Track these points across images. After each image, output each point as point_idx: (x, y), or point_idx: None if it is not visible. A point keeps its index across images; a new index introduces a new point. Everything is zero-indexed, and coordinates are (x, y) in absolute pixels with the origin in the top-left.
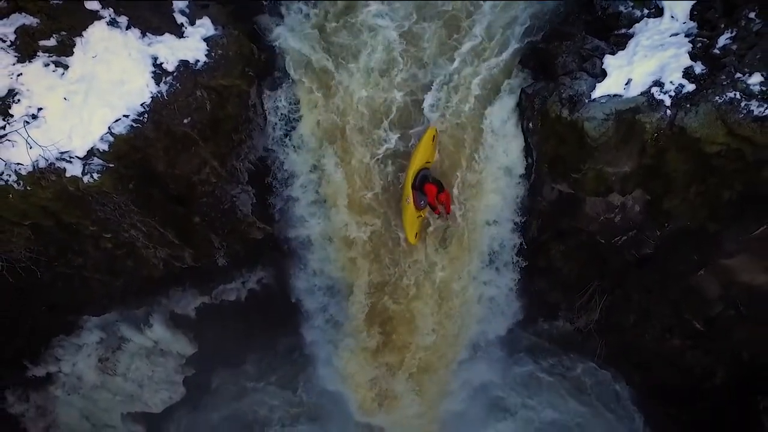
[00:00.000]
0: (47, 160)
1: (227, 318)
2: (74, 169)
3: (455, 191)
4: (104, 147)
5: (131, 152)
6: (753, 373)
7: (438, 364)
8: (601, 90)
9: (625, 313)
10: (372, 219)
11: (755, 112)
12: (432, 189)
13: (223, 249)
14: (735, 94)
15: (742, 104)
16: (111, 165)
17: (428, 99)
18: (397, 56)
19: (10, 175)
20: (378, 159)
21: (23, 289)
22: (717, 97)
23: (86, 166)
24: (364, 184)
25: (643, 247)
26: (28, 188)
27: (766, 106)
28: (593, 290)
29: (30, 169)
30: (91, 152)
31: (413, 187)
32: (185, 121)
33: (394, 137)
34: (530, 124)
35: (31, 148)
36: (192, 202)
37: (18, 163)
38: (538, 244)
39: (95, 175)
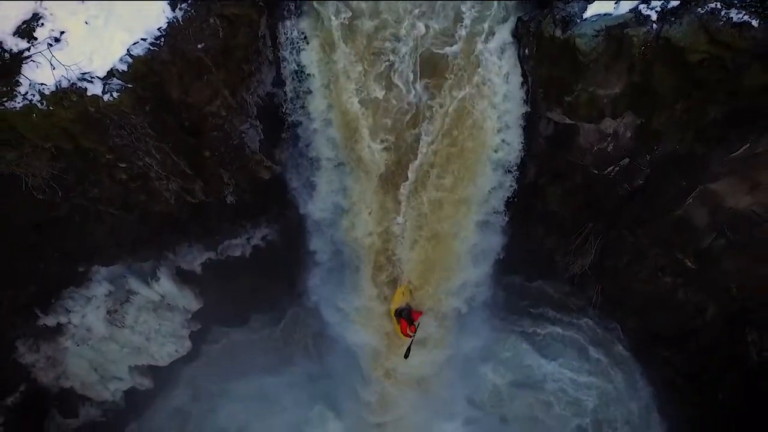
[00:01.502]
0: (69, 81)
1: (232, 275)
2: (95, 89)
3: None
4: (123, 68)
5: (148, 74)
6: (741, 307)
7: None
8: (592, 10)
9: (619, 254)
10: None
11: (734, 19)
12: (404, 323)
13: (232, 185)
14: (716, 5)
15: (722, 13)
16: (129, 86)
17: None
18: None
19: (34, 95)
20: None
21: (41, 226)
22: (699, 9)
23: (106, 86)
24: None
25: (635, 178)
26: (51, 108)
27: (743, 12)
28: (588, 232)
29: (53, 89)
30: (111, 73)
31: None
32: (199, 46)
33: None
34: (526, 51)
35: (54, 69)
36: (203, 134)
37: (42, 84)
38: (535, 189)
39: (114, 94)
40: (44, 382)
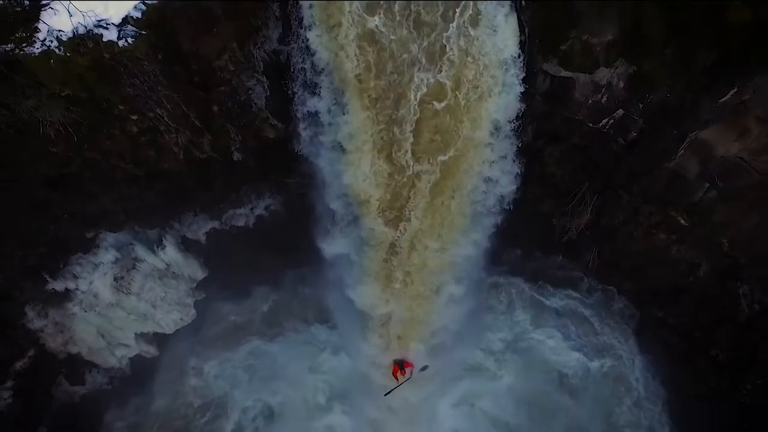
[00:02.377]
0: (86, 27)
1: (236, 245)
2: (110, 35)
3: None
4: (137, 15)
5: (161, 22)
6: (733, 263)
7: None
8: None
9: (614, 212)
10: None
11: None
12: (396, 368)
13: (239, 141)
14: None
15: None
16: (143, 32)
17: None
18: None
19: (51, 41)
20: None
21: (54, 183)
22: None
23: (121, 32)
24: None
25: (629, 131)
26: (68, 54)
27: None
28: (584, 191)
29: (70, 35)
30: (126, 20)
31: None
32: None
33: None
34: (523, 1)
35: (71, 16)
36: (211, 89)
37: (59, 30)
38: (533, 151)
39: (129, 40)
40: (52, 347)
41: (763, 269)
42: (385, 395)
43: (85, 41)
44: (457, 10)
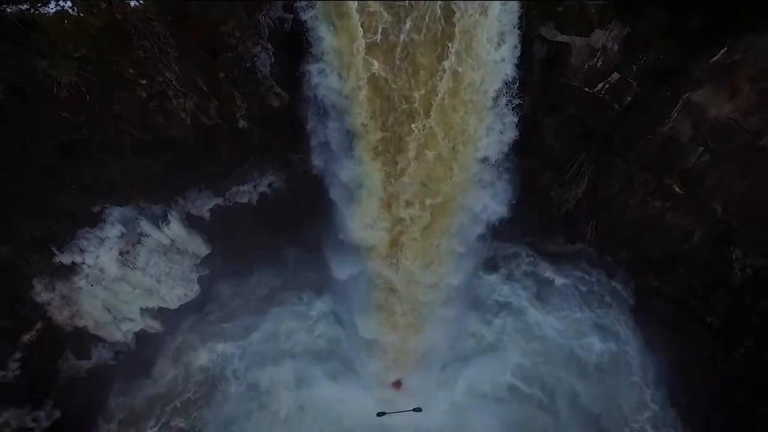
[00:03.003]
0: None
1: (239, 222)
2: None
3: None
4: None
5: None
6: (726, 228)
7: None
8: None
9: (610, 181)
10: None
11: None
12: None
13: (244, 109)
14: None
15: None
16: None
17: None
18: None
19: (66, 1)
20: None
21: (64, 149)
22: None
23: None
24: None
25: (624, 95)
26: (81, 15)
27: None
28: (581, 161)
29: None
30: None
31: None
32: None
33: None
34: None
35: None
36: (218, 54)
37: None
38: (531, 124)
39: (141, 1)
40: (59, 320)
41: (756, 233)
42: (378, 415)
43: (98, 1)
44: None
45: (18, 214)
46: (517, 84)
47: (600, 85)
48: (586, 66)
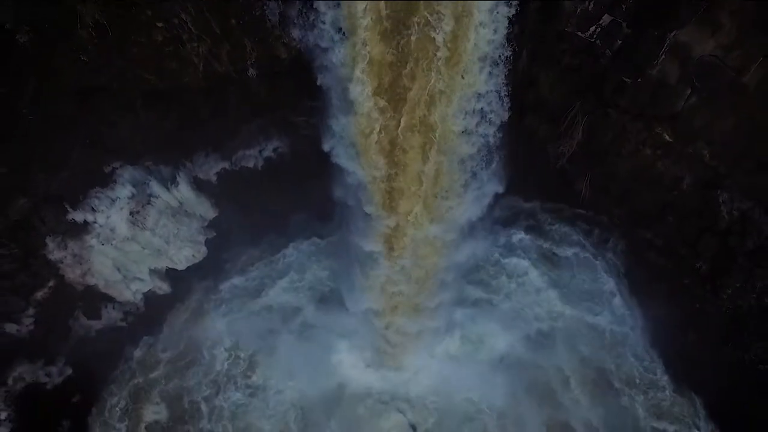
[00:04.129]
0: None
1: (245, 187)
2: None
3: None
4: None
5: None
6: (714, 174)
7: None
8: None
9: (604, 131)
10: None
11: None
12: None
13: (254, 57)
14: None
15: None
16: None
17: None
18: None
19: None
20: None
21: (83, 96)
22: None
23: None
24: None
25: (615, 38)
26: None
27: None
28: (576, 112)
29: None
30: None
31: None
32: None
33: None
34: None
35: None
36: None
37: None
38: (528, 78)
39: None
40: (71, 278)
41: (741, 176)
42: None
43: None
44: None
45: (36, 165)
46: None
47: (592, 29)
48: (578, 10)
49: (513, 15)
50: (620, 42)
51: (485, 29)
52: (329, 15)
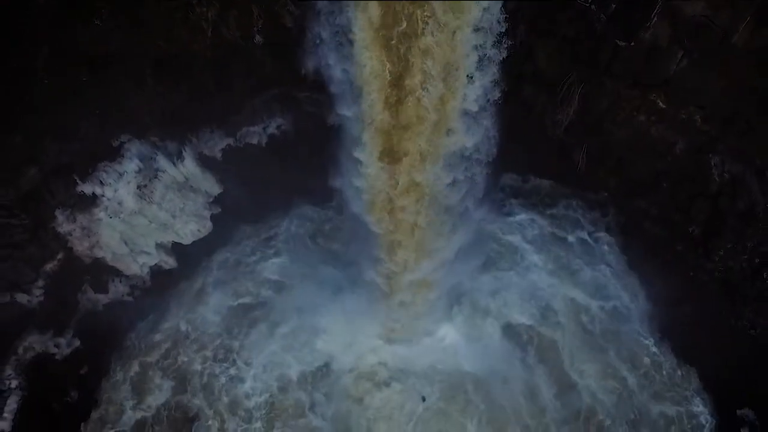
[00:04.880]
0: None
1: (249, 164)
2: None
3: None
4: None
5: None
6: (706, 138)
7: None
8: None
9: (599, 99)
10: None
11: None
12: None
13: (260, 24)
14: None
15: None
16: None
17: None
18: None
19: None
20: None
21: (94, 64)
22: None
23: None
24: None
25: (609, 3)
26: None
27: None
28: (572, 80)
29: None
30: None
31: None
32: None
33: None
34: None
35: None
36: None
37: None
38: (525, 50)
39: None
40: (79, 251)
41: (732, 139)
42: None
43: None
44: None
45: (48, 134)
46: None
47: None
48: None
49: None
50: (614, 6)
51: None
52: None
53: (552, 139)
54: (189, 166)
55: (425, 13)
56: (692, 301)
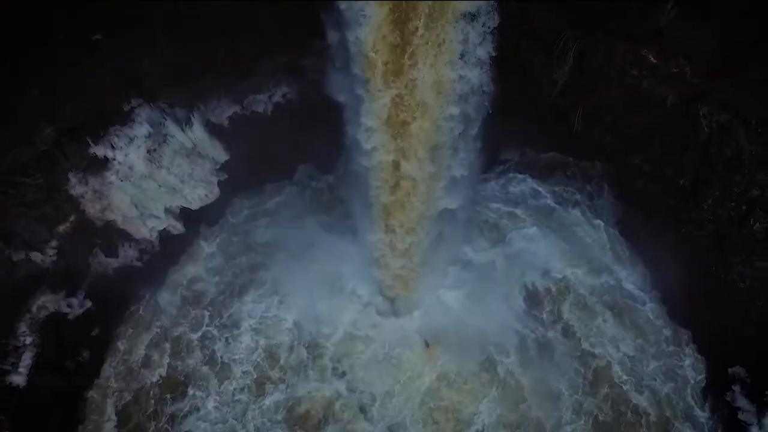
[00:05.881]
0: None
1: (255, 131)
2: None
3: None
4: None
5: None
6: (696, 92)
7: None
8: None
9: (594, 54)
10: None
11: None
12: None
13: None
14: None
15: None
16: None
17: None
18: None
19: None
20: None
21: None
22: None
23: None
24: None
25: None
26: None
27: None
28: (567, 38)
29: None
30: None
31: None
32: None
33: None
34: None
35: None
36: None
37: None
38: (521, 12)
39: None
40: (91, 213)
41: (720, 90)
42: None
43: None
44: None
45: (64, 92)
46: None
47: None
48: None
49: None
50: None
51: None
52: None
53: (548, 105)
54: (197, 132)
55: None
56: (685, 259)
